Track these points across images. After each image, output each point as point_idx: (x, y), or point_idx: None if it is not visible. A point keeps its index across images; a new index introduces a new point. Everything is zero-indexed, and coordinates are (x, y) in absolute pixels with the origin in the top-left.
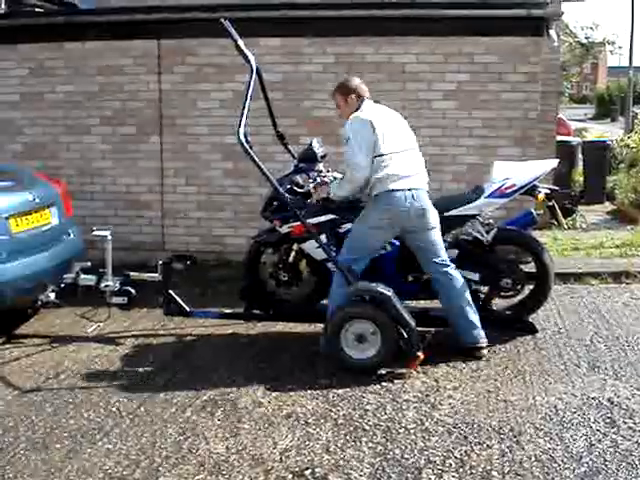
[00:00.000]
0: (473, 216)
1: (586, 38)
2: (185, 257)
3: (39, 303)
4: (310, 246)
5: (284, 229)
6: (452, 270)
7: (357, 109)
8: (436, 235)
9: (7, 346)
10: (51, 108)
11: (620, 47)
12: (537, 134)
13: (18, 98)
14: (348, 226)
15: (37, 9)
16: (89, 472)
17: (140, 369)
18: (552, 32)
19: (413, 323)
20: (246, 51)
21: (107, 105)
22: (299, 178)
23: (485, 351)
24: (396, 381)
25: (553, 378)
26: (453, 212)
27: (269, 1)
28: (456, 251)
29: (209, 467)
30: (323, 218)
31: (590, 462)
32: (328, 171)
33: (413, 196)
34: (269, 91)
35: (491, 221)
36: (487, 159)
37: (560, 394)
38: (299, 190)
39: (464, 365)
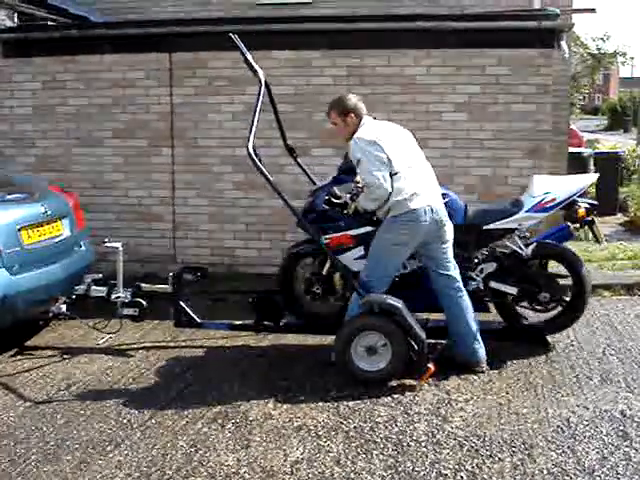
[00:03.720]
0: (512, 230)
1: (597, 49)
2: (196, 269)
3: (50, 315)
4: (348, 258)
5: (321, 241)
6: (461, 286)
7: (357, 128)
8: (449, 249)
9: (19, 357)
10: (63, 121)
11: (632, 58)
12: (549, 146)
13: (31, 111)
14: None
15: (50, 23)
16: None
17: (151, 381)
18: (563, 43)
19: (424, 335)
20: (254, 65)
21: (119, 118)
22: (336, 189)
23: (485, 369)
24: (407, 393)
25: (565, 391)
26: (492, 225)
27: (280, 14)
28: (494, 264)
29: (220, 479)
30: (361, 230)
31: (602, 475)
32: None
33: (432, 210)
34: (281, 104)
35: (527, 234)
36: (498, 171)
37: (572, 407)
38: (336, 201)
39: (475, 377)
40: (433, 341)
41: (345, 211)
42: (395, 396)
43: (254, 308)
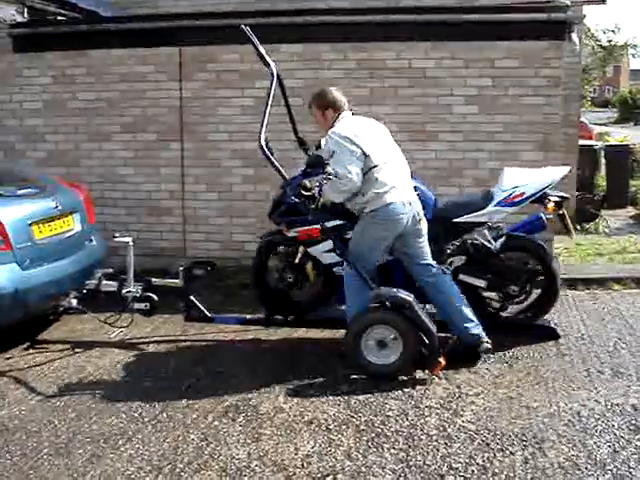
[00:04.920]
0: (482, 223)
1: (608, 41)
2: (206, 263)
3: (61, 309)
4: (316, 250)
5: (291, 233)
6: (439, 271)
7: (334, 122)
8: (425, 242)
9: (30, 351)
10: (73, 115)
11: None
12: (559, 138)
13: (41, 106)
14: None
15: (60, 17)
16: (111, 477)
17: (162, 375)
18: (573, 36)
19: (434, 328)
20: (267, 57)
21: (128, 112)
22: (306, 181)
23: (489, 345)
24: (418, 387)
25: (576, 384)
26: (462, 218)
27: (290, 7)
28: (464, 257)
29: (231, 473)
30: (330, 223)
31: (614, 469)
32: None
33: (410, 203)
34: (290, 97)
35: (500, 225)
36: (509, 164)
37: (583, 400)
38: (306, 194)
39: (486, 371)
40: (444, 335)
41: (313, 205)
42: (406, 390)
43: (264, 302)
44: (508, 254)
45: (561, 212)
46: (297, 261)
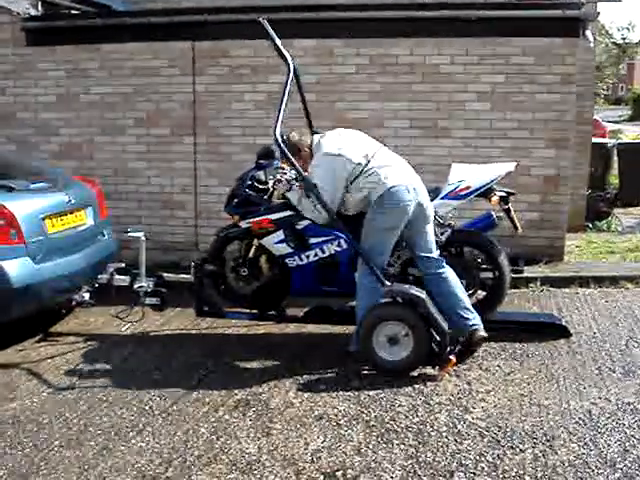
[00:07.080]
0: None
1: (622, 39)
2: None
3: (74, 303)
4: (269, 242)
5: (243, 225)
6: (442, 264)
7: (313, 154)
8: (431, 231)
9: (42, 344)
10: (87, 109)
11: None
12: (573, 136)
13: (54, 99)
14: (305, 222)
15: (74, 11)
16: (122, 470)
17: (173, 368)
18: (588, 33)
19: (446, 326)
20: (284, 51)
21: (142, 106)
22: (261, 174)
23: (485, 334)
24: (428, 383)
25: (587, 383)
26: None
27: (303, 2)
28: None
29: (241, 466)
30: (281, 214)
31: (624, 468)
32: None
33: (415, 189)
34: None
35: (452, 222)
36: (522, 161)
37: (594, 399)
38: (260, 186)
39: (497, 368)
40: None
41: (265, 196)
42: (416, 386)
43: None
44: (452, 249)
45: (507, 207)
46: (251, 255)
